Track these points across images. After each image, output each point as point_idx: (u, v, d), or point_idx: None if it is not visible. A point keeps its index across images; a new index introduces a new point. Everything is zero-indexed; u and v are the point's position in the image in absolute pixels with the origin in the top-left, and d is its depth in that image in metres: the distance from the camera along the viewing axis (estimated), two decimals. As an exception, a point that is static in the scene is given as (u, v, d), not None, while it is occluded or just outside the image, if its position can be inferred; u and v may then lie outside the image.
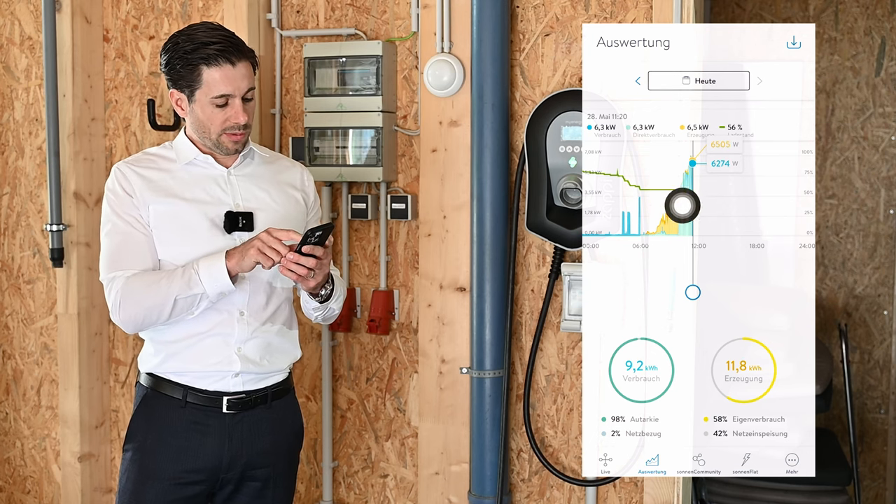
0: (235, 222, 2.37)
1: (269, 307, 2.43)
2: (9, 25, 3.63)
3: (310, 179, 2.60)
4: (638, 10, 2.79)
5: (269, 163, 2.54)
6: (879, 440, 4.39)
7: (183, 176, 2.40)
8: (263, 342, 2.42)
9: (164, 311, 2.29)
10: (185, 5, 3.34)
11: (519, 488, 3.04)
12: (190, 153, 2.41)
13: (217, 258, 2.28)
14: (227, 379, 2.38)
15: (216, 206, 2.38)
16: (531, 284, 2.97)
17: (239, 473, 2.43)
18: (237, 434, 2.40)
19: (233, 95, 2.32)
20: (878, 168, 4.34)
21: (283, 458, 2.51)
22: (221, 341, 2.37)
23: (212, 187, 2.40)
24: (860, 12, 4.33)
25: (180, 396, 2.38)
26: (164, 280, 2.29)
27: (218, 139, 2.37)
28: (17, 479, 3.79)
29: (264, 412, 2.44)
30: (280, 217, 2.44)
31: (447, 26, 2.95)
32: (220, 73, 2.30)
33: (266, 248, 2.22)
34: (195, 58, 2.29)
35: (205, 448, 2.38)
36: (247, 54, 2.34)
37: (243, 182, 2.44)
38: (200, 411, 2.38)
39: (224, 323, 2.37)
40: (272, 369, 2.45)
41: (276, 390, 2.47)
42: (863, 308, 4.38)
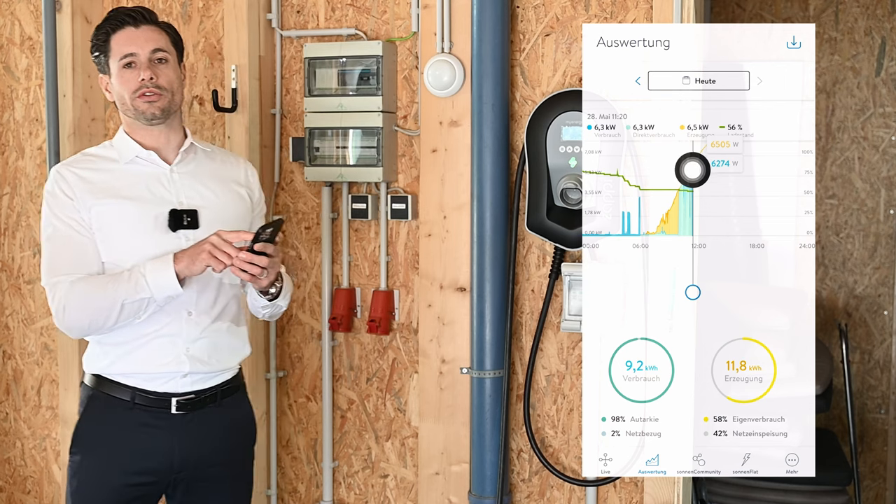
0: (180, 220, 2.34)
1: (217, 305, 2.42)
2: (9, 25, 3.63)
3: (254, 175, 2.59)
4: (638, 10, 2.79)
5: (213, 158, 2.52)
6: (880, 440, 4.39)
7: (124, 175, 2.38)
8: (212, 341, 2.40)
9: (110, 317, 2.27)
10: (185, 5, 3.34)
11: (519, 488, 3.04)
12: (131, 151, 2.40)
13: (164, 262, 2.25)
14: (176, 380, 2.37)
15: (159, 205, 2.36)
16: (531, 284, 2.97)
17: (191, 473, 2.41)
18: (187, 434, 2.38)
19: (136, 54, 2.34)
20: (878, 168, 4.34)
21: (236, 456, 2.51)
22: (169, 342, 2.35)
23: (154, 185, 2.38)
24: (860, 12, 4.33)
25: (128, 398, 2.36)
26: (110, 284, 2.26)
27: (133, 104, 2.37)
28: (17, 479, 3.79)
29: (214, 411, 2.43)
30: (225, 214, 2.42)
31: (447, 26, 2.95)
32: (123, 36, 2.36)
33: (217, 252, 2.20)
34: (104, 28, 2.38)
35: (154, 449, 2.36)
36: (155, 21, 2.41)
37: (186, 179, 2.42)
38: (149, 412, 2.36)
39: (172, 323, 2.35)
40: (221, 368, 2.44)
41: (226, 388, 2.46)
42: (863, 308, 4.38)
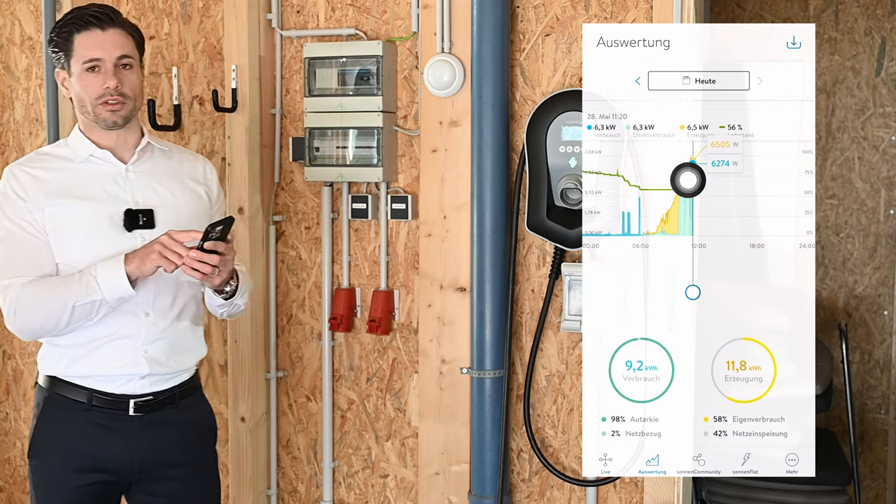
0: (135, 220, 2.32)
1: (175, 306, 2.40)
2: (9, 25, 3.63)
3: (213, 173, 2.57)
4: (638, 10, 2.79)
5: (170, 157, 2.49)
6: (880, 440, 4.39)
7: (79, 175, 2.35)
8: (170, 343, 2.38)
9: (62, 319, 2.24)
10: (185, 5, 3.34)
11: (519, 488, 3.04)
12: (86, 150, 2.37)
13: (115, 263, 2.23)
14: (134, 381, 2.35)
15: (115, 205, 2.33)
16: (531, 284, 2.97)
17: (151, 474, 2.39)
18: (146, 436, 2.37)
19: (102, 59, 2.30)
20: (878, 168, 4.34)
21: (196, 456, 2.49)
22: (127, 344, 2.33)
23: (109, 185, 2.35)
24: (860, 12, 4.33)
25: (85, 400, 2.33)
26: (61, 287, 2.24)
27: (94, 110, 2.33)
28: (17, 479, 3.79)
29: (172, 412, 2.41)
30: (182, 213, 2.40)
31: (447, 26, 2.94)
32: (89, 38, 2.30)
33: (167, 252, 2.18)
34: (67, 26, 2.31)
35: (113, 451, 2.35)
36: (121, 23, 2.34)
37: (142, 178, 2.39)
38: (106, 414, 2.34)
39: (129, 325, 2.33)
40: (179, 369, 2.42)
41: (184, 389, 2.44)
42: (863, 308, 4.38)
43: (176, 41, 3.37)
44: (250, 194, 3.19)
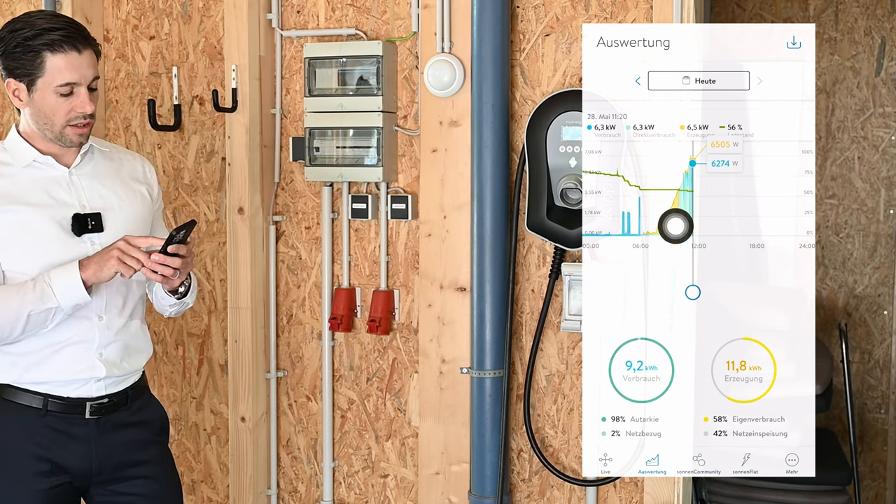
0: (84, 224, 2.28)
1: (126, 307, 2.39)
2: (9, 25, 3.63)
3: (152, 171, 2.54)
4: (638, 10, 2.79)
5: (110, 158, 2.45)
6: (879, 440, 4.39)
7: (22, 180, 2.27)
8: (124, 344, 2.37)
9: (15, 328, 2.20)
10: (185, 5, 3.34)
11: (519, 488, 3.04)
12: (28, 155, 2.29)
13: (70, 269, 2.19)
14: (90, 384, 2.32)
15: (61, 209, 2.27)
16: (531, 284, 2.97)
17: (109, 476, 2.38)
18: (103, 438, 2.35)
19: (79, 84, 2.23)
20: (878, 168, 4.34)
21: (155, 455, 2.48)
22: (83, 349, 2.31)
23: (55, 189, 2.29)
24: (860, 12, 4.33)
25: (40, 405, 2.29)
26: (13, 295, 2.18)
27: (62, 131, 2.26)
28: (17, 478, 3.79)
29: (126, 413, 2.40)
30: (129, 215, 2.38)
31: (447, 26, 2.94)
32: (65, 61, 2.20)
33: (126, 258, 2.17)
34: (38, 44, 2.19)
35: (71, 455, 2.32)
36: (91, 43, 2.26)
37: (86, 181, 2.35)
38: (62, 419, 2.31)
39: (83, 329, 2.30)
40: (131, 370, 2.41)
41: (135, 390, 2.44)
42: (863, 308, 4.38)
43: (176, 41, 3.37)
44: (250, 194, 3.19)
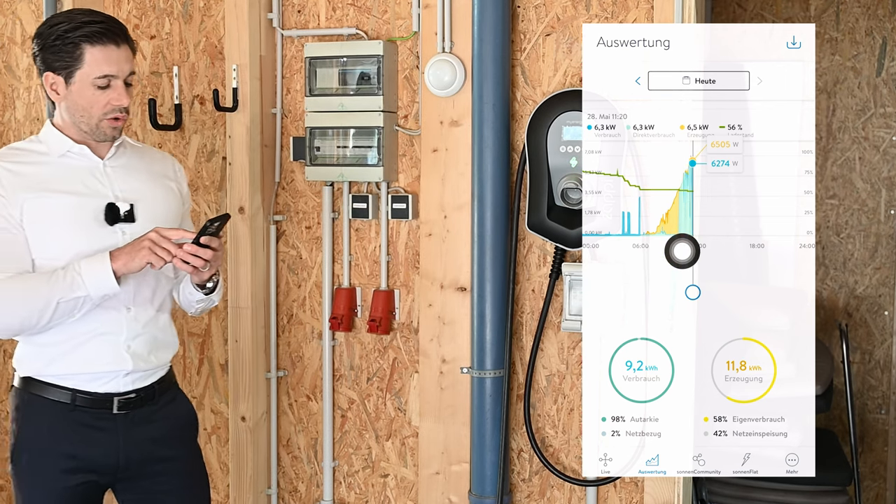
0: (117, 214, 2.31)
1: (155, 299, 2.40)
2: (10, 25, 3.63)
3: (181, 171, 2.58)
4: (639, 9, 2.79)
5: (142, 154, 2.49)
6: (880, 440, 4.39)
7: (57, 169, 2.31)
8: (151, 336, 2.38)
9: (44, 316, 2.20)
10: (186, 5, 3.35)
11: (519, 488, 3.04)
12: (63, 145, 2.33)
13: (101, 259, 2.21)
14: (118, 379, 2.33)
15: (95, 199, 2.30)
16: (532, 284, 2.97)
17: (137, 471, 2.39)
18: (130, 433, 2.36)
19: (116, 77, 2.27)
20: (878, 168, 4.34)
21: (182, 450, 2.49)
22: (110, 340, 2.31)
23: (89, 179, 2.32)
24: (861, 12, 4.33)
25: (68, 400, 2.30)
26: (43, 283, 2.19)
27: (98, 124, 2.30)
28: (18, 478, 3.79)
29: (153, 408, 2.41)
30: (160, 208, 2.40)
31: (448, 26, 2.95)
32: (103, 53, 2.24)
33: (157, 249, 2.19)
34: (77, 36, 2.23)
35: (98, 451, 2.33)
36: (128, 39, 2.31)
37: (119, 173, 2.38)
38: (90, 414, 2.32)
39: (111, 320, 2.31)
40: (158, 364, 2.42)
41: (162, 385, 2.45)
42: (863, 308, 4.38)
43: (177, 41, 3.37)
44: (251, 194, 3.19)
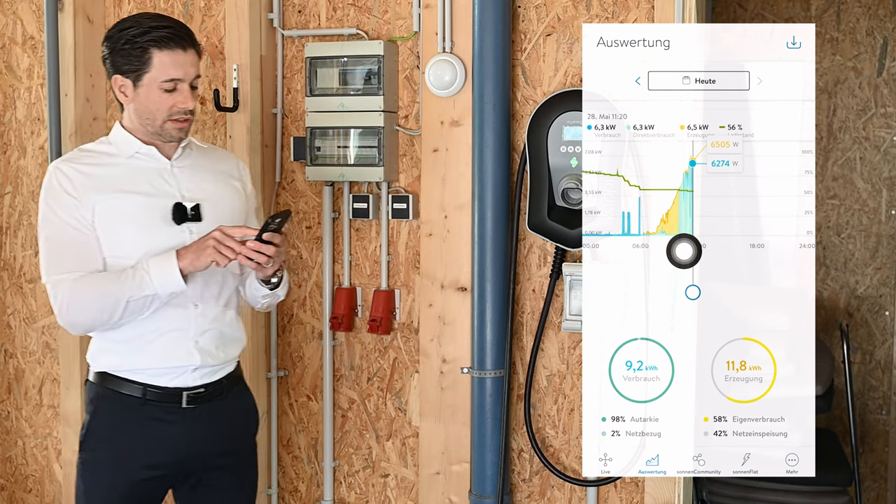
0: (184, 213, 2.37)
1: (223, 294, 2.45)
2: (11, 25, 3.63)
3: (246, 171, 2.63)
4: (640, 9, 2.79)
5: (208, 154, 2.55)
6: (881, 441, 4.39)
7: (126, 170, 2.38)
8: (219, 332, 2.44)
9: (115, 314, 2.28)
10: (186, 5, 3.35)
11: (520, 488, 3.04)
12: (132, 146, 2.40)
13: (168, 258, 2.27)
14: (187, 374, 2.39)
15: (163, 199, 2.37)
16: (532, 284, 2.97)
17: (199, 465, 2.44)
18: (197, 427, 2.41)
19: (182, 80, 2.34)
20: (879, 168, 4.34)
21: (242, 446, 2.55)
22: (179, 336, 2.38)
23: (156, 180, 2.39)
24: (862, 12, 4.32)
25: (139, 394, 2.37)
26: (113, 282, 2.27)
27: (163, 126, 2.36)
28: (18, 477, 3.80)
29: (220, 403, 2.46)
30: (226, 208, 2.46)
31: (449, 26, 2.95)
32: (170, 57, 2.31)
33: (222, 247, 2.25)
34: (145, 41, 2.29)
35: (166, 443, 2.39)
36: (195, 44, 2.37)
37: (186, 173, 2.44)
38: (160, 407, 2.38)
39: (179, 317, 2.37)
40: (226, 359, 2.47)
41: (230, 380, 2.49)
42: (864, 308, 4.38)
43: (177, 41, 3.37)
44: (251, 194, 3.20)
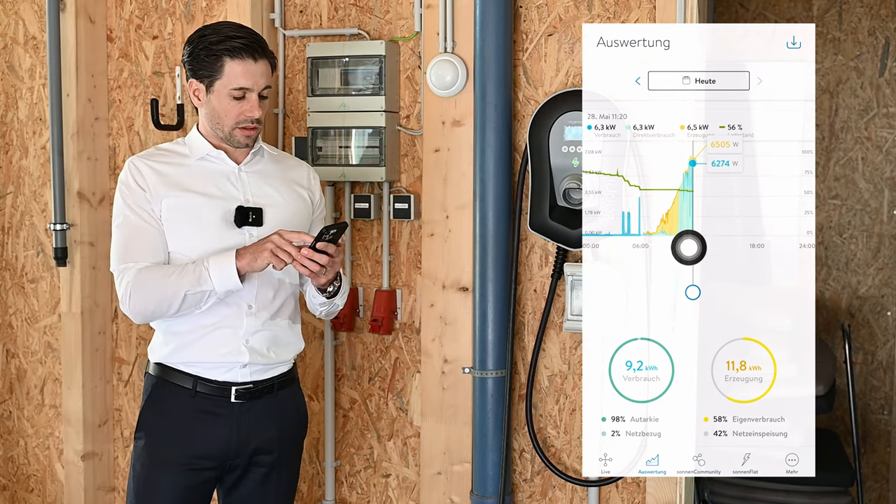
0: (245, 217, 2.44)
1: (276, 301, 2.51)
2: (13, 25, 3.64)
3: (315, 179, 2.69)
4: (641, 9, 2.79)
5: (278, 161, 2.62)
6: (882, 441, 4.38)
7: (195, 171, 2.47)
8: (270, 334, 2.50)
9: (172, 305, 2.37)
10: (188, 5, 3.35)
11: (521, 488, 3.04)
12: (203, 148, 2.49)
13: (227, 256, 2.35)
14: (236, 370, 2.47)
15: (227, 201, 2.45)
16: (534, 284, 2.97)
17: (246, 459, 2.52)
18: (245, 422, 2.49)
19: (251, 90, 2.41)
20: (881, 168, 4.33)
21: (288, 445, 2.60)
22: (231, 333, 2.45)
23: (223, 183, 2.48)
24: (864, 12, 4.32)
25: (190, 386, 2.46)
26: (174, 275, 2.36)
27: (231, 132, 2.45)
28: (20, 477, 3.80)
29: (270, 401, 2.53)
30: (288, 214, 2.53)
31: (450, 26, 2.95)
32: (241, 67, 2.39)
33: (279, 251, 2.31)
34: (220, 49, 2.39)
35: (214, 435, 2.47)
36: (268, 55, 2.45)
37: (253, 178, 2.52)
38: (210, 400, 2.47)
39: (233, 316, 2.45)
40: (278, 360, 2.54)
41: (282, 380, 2.56)
42: (866, 309, 4.38)
43: (179, 41, 3.38)
44: (253, 194, 3.20)
